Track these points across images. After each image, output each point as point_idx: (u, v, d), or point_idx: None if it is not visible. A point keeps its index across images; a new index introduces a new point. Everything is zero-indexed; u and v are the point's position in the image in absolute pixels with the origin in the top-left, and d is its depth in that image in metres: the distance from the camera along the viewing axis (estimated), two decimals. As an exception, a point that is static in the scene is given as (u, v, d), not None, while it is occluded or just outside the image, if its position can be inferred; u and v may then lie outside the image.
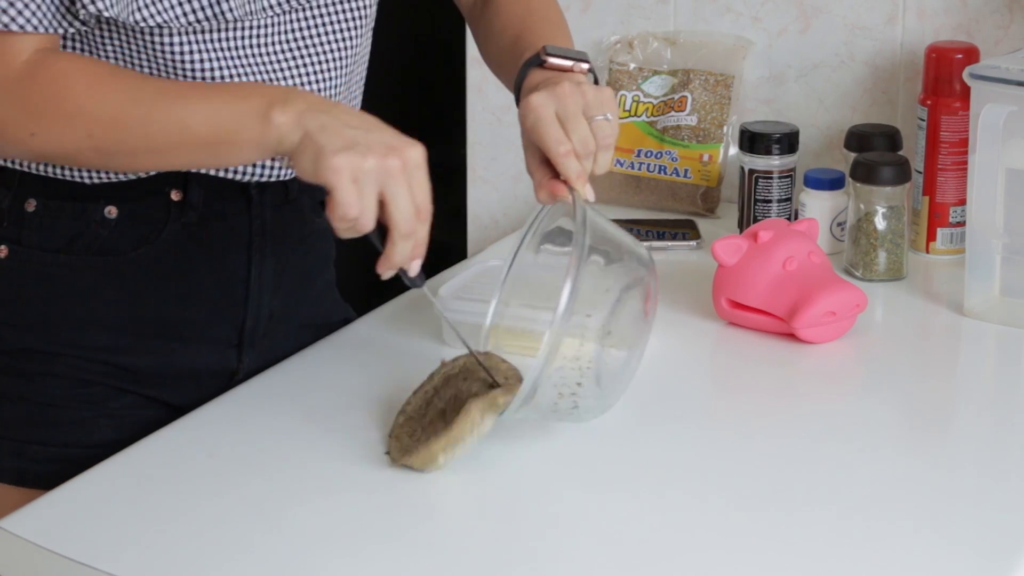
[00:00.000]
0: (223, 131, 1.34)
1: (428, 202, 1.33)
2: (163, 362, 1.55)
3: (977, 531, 1.33)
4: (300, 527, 1.33)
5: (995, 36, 2.00)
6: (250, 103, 1.33)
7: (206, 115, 1.34)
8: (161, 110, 1.35)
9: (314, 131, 1.30)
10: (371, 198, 1.30)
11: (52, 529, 1.33)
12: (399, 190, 1.31)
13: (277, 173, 1.53)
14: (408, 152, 1.31)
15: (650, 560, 1.29)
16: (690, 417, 1.53)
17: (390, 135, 1.32)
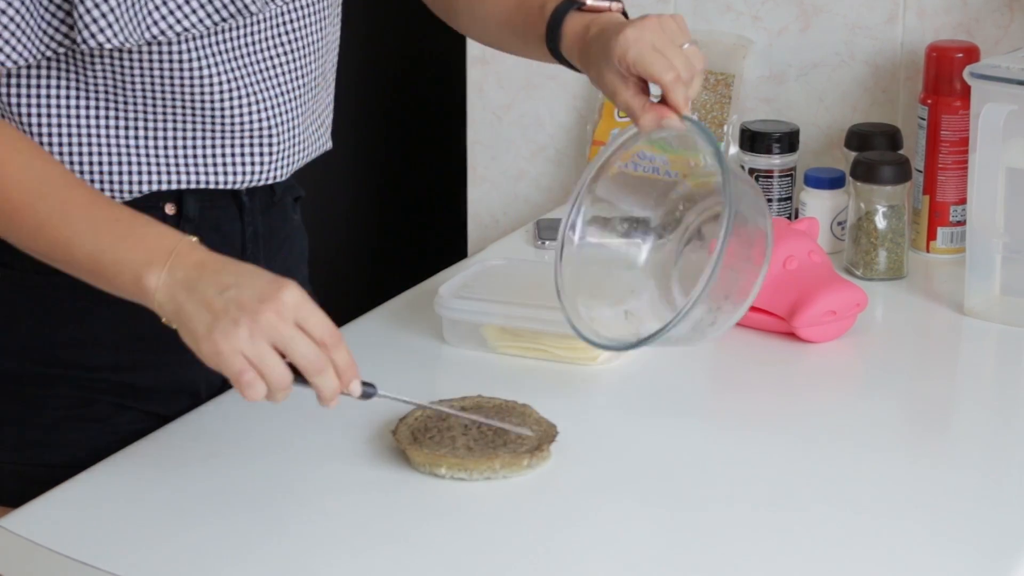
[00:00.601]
0: (101, 273, 1.34)
1: (328, 329, 1.30)
2: (161, 377, 1.53)
3: (978, 530, 1.33)
4: (300, 526, 1.33)
5: (995, 35, 2.00)
6: (132, 255, 1.32)
7: (90, 251, 1.34)
8: (52, 230, 1.34)
9: (186, 312, 1.30)
10: (268, 362, 1.28)
11: (52, 528, 1.33)
12: (288, 340, 1.28)
13: (265, 176, 1.52)
14: (282, 296, 1.29)
15: (651, 559, 1.29)
16: (690, 416, 1.53)
17: (261, 285, 1.29)
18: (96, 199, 1.37)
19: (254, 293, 1.28)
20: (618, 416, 1.58)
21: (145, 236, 1.34)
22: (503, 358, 1.64)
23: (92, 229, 1.34)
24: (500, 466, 1.39)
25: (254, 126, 1.48)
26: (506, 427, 1.43)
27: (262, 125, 1.48)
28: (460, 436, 1.43)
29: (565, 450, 1.44)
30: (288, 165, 1.52)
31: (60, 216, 1.34)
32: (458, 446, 1.41)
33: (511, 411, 1.47)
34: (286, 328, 1.28)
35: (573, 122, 2.25)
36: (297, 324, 1.29)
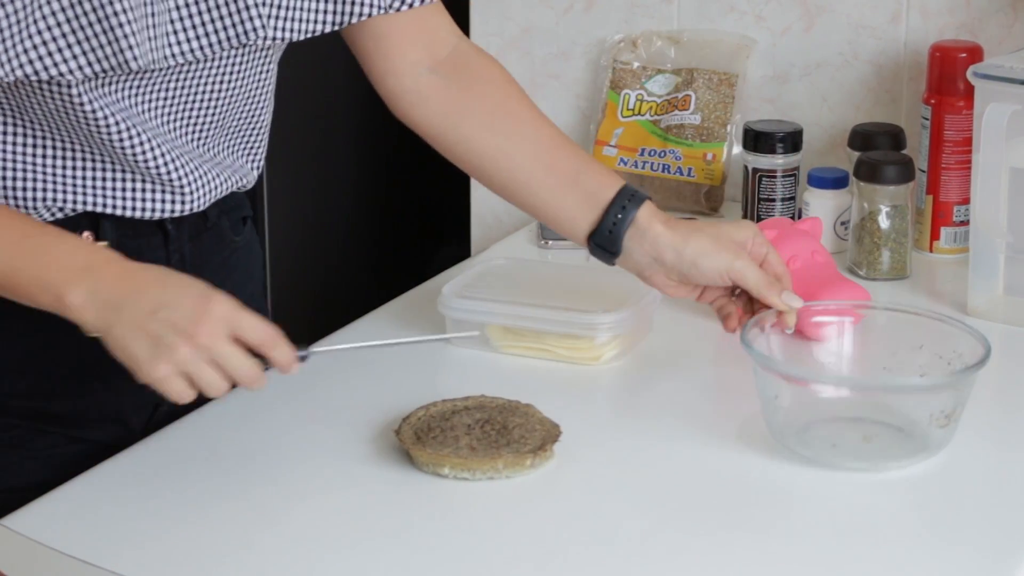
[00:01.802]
0: (20, 292, 1.35)
1: (263, 332, 1.34)
2: (84, 404, 1.51)
3: (979, 530, 1.33)
4: (301, 526, 1.33)
5: (999, 35, 2.00)
6: (48, 275, 1.33)
7: (4, 270, 1.34)
8: None
9: (117, 333, 1.31)
10: (206, 379, 1.32)
11: (53, 527, 1.33)
12: (224, 358, 1.32)
13: (177, 211, 1.49)
14: (213, 311, 1.31)
15: (651, 562, 1.29)
16: (692, 416, 1.53)
17: (189, 303, 1.32)
18: (4, 215, 1.36)
19: (185, 313, 1.31)
20: (620, 416, 1.58)
21: (58, 252, 1.34)
22: (506, 358, 1.64)
23: (5, 248, 1.34)
24: (503, 466, 1.39)
25: (151, 166, 1.46)
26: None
27: (161, 167, 1.46)
28: (463, 436, 1.43)
29: (567, 450, 1.44)
30: (199, 201, 1.50)
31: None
32: (461, 446, 1.41)
33: (514, 411, 1.47)
34: (221, 346, 1.32)
35: (576, 122, 2.25)
36: (232, 334, 1.32)
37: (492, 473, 1.39)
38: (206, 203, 1.52)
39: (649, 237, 1.56)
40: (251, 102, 1.55)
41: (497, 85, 1.63)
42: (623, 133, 2.16)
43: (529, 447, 1.41)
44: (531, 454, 1.40)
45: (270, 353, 1.35)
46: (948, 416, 1.42)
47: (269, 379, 1.47)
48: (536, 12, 2.23)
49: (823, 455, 1.42)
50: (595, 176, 1.58)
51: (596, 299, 1.64)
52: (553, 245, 1.98)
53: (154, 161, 1.46)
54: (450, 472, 1.39)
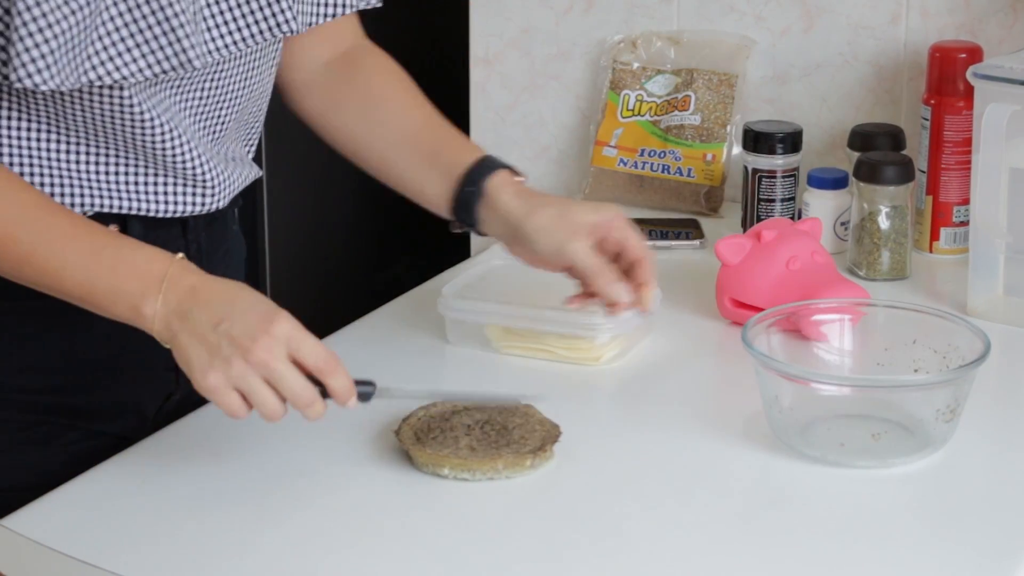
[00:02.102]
0: (95, 303, 1.36)
1: (322, 357, 1.32)
2: (106, 397, 1.53)
3: (980, 530, 1.33)
4: (301, 526, 1.33)
5: (999, 36, 2.00)
6: (125, 286, 1.34)
7: (81, 282, 1.35)
8: (39, 261, 1.35)
9: (181, 341, 1.32)
10: (260, 396, 1.31)
11: (54, 527, 1.33)
12: (278, 377, 1.31)
13: (204, 208, 1.52)
14: (274, 330, 1.31)
15: (651, 561, 1.29)
16: (693, 416, 1.53)
17: (252, 320, 1.31)
18: (75, 225, 1.37)
19: (246, 329, 1.30)
20: (621, 416, 1.58)
21: (134, 263, 1.35)
22: (506, 358, 1.64)
23: (80, 259, 1.35)
24: (503, 466, 1.39)
25: (188, 165, 1.48)
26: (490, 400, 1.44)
27: (195, 164, 1.48)
28: (463, 436, 1.43)
29: (568, 450, 1.44)
30: (224, 198, 1.53)
31: (46, 246, 1.35)
32: (461, 446, 1.41)
33: (514, 411, 1.47)
34: (277, 364, 1.30)
35: (576, 122, 2.25)
36: (291, 356, 1.31)
37: (492, 474, 1.39)
38: (228, 199, 1.53)
39: (499, 207, 1.56)
40: (261, 97, 1.58)
41: (376, 76, 1.66)
42: (623, 133, 2.16)
43: (529, 448, 1.41)
44: (531, 454, 1.40)
45: (328, 380, 1.33)
46: (952, 411, 1.42)
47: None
48: (536, 13, 2.23)
49: (830, 454, 1.42)
50: (455, 151, 1.60)
51: (596, 299, 1.64)
52: (553, 245, 1.97)
53: (191, 161, 1.48)
54: (450, 473, 1.39)
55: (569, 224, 1.53)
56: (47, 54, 1.34)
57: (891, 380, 1.49)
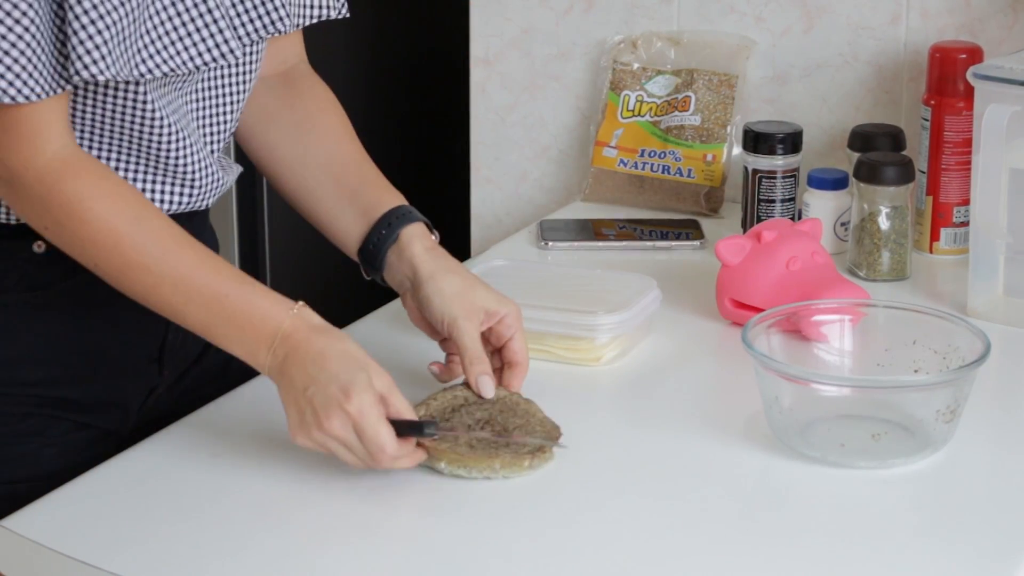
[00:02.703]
0: (215, 342, 1.43)
1: (374, 448, 1.37)
2: (92, 390, 1.54)
3: (980, 530, 1.33)
4: (301, 526, 1.33)
5: (999, 36, 2.00)
6: (242, 337, 1.41)
7: (203, 322, 1.42)
8: (165, 293, 1.41)
9: (281, 398, 1.40)
10: (348, 457, 1.39)
11: (53, 527, 1.33)
12: (339, 450, 1.38)
13: (188, 208, 1.53)
14: (348, 407, 1.37)
15: (651, 561, 1.29)
16: (693, 416, 1.53)
17: (333, 391, 1.37)
18: (203, 262, 1.42)
19: (325, 400, 1.37)
20: (621, 416, 1.58)
21: (252, 316, 1.41)
22: (506, 358, 1.64)
23: (203, 303, 1.41)
24: (500, 466, 1.39)
25: (186, 166, 1.50)
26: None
27: (193, 166, 1.50)
28: (464, 433, 1.42)
29: (568, 450, 1.44)
30: (210, 199, 1.55)
31: (172, 282, 1.41)
32: (461, 443, 1.41)
33: (516, 407, 1.47)
34: (348, 437, 1.37)
35: (576, 123, 2.25)
36: (356, 426, 1.37)
37: (489, 472, 1.39)
38: (213, 199, 1.55)
39: (406, 256, 1.56)
40: (246, 98, 1.58)
41: (314, 103, 1.65)
42: (623, 134, 2.16)
43: (528, 449, 1.41)
44: (529, 456, 1.40)
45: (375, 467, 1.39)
46: (952, 411, 1.42)
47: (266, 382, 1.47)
48: (536, 13, 2.23)
49: (830, 454, 1.42)
50: (374, 193, 1.59)
51: (596, 300, 1.64)
52: (553, 246, 1.98)
53: (190, 163, 1.50)
54: (446, 468, 1.39)
55: (468, 302, 1.53)
56: (101, 45, 1.37)
57: (891, 380, 1.49)
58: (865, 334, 1.56)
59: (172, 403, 1.59)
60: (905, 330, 1.53)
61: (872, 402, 1.47)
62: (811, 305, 1.56)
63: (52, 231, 1.41)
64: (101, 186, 1.40)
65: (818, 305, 1.57)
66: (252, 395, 1.56)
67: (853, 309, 1.57)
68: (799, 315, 1.55)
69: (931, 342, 1.50)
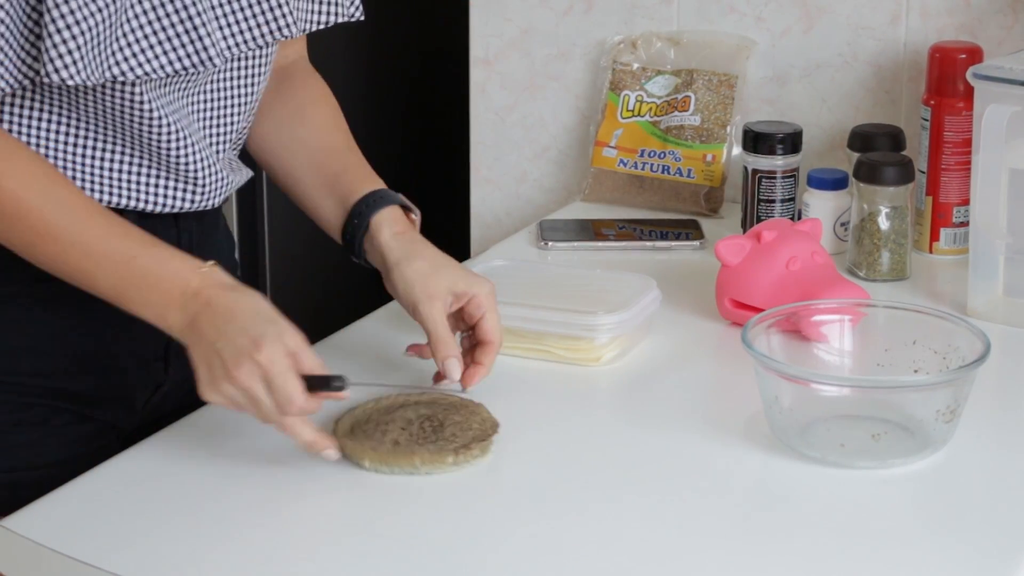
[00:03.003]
0: (125, 307, 1.43)
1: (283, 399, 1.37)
2: (95, 384, 1.55)
3: (980, 531, 1.33)
4: (301, 527, 1.33)
5: (999, 36, 2.00)
6: (152, 297, 1.41)
7: (113, 285, 1.42)
8: (74, 259, 1.42)
9: (192, 354, 1.40)
10: (248, 410, 1.39)
11: (53, 528, 1.33)
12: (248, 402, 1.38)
13: (196, 207, 1.54)
14: (257, 357, 1.36)
15: (651, 561, 1.29)
16: (692, 416, 1.53)
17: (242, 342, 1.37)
18: (111, 229, 1.43)
19: (234, 352, 1.37)
20: (620, 416, 1.58)
21: (161, 277, 1.41)
22: (505, 358, 1.64)
23: (112, 265, 1.41)
24: (421, 463, 1.39)
25: (190, 167, 1.51)
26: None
27: (197, 167, 1.51)
28: (397, 430, 1.43)
29: (567, 449, 1.44)
30: (217, 199, 1.56)
31: (81, 248, 1.41)
32: (385, 440, 1.41)
33: (459, 409, 1.47)
34: (256, 390, 1.37)
35: (576, 123, 2.25)
36: (264, 377, 1.37)
37: (410, 469, 1.40)
38: (220, 199, 1.56)
39: (376, 244, 1.57)
40: (257, 102, 1.59)
41: (306, 95, 1.67)
42: (623, 134, 2.16)
43: (453, 445, 1.41)
44: (453, 452, 1.40)
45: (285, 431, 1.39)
46: (952, 411, 1.42)
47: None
48: (536, 13, 2.23)
49: (830, 454, 1.42)
50: (355, 180, 1.60)
51: (596, 300, 1.64)
52: (553, 246, 1.98)
53: (192, 163, 1.51)
54: (370, 466, 1.40)
55: (431, 285, 1.53)
56: (74, 50, 1.37)
57: (891, 380, 1.49)
58: (865, 334, 1.56)
59: (179, 400, 1.60)
60: (905, 330, 1.53)
61: (872, 402, 1.47)
62: (811, 305, 1.56)
63: None
64: (12, 162, 1.41)
65: (818, 305, 1.57)
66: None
67: (853, 309, 1.57)
68: (799, 315, 1.55)
69: (931, 342, 1.50)
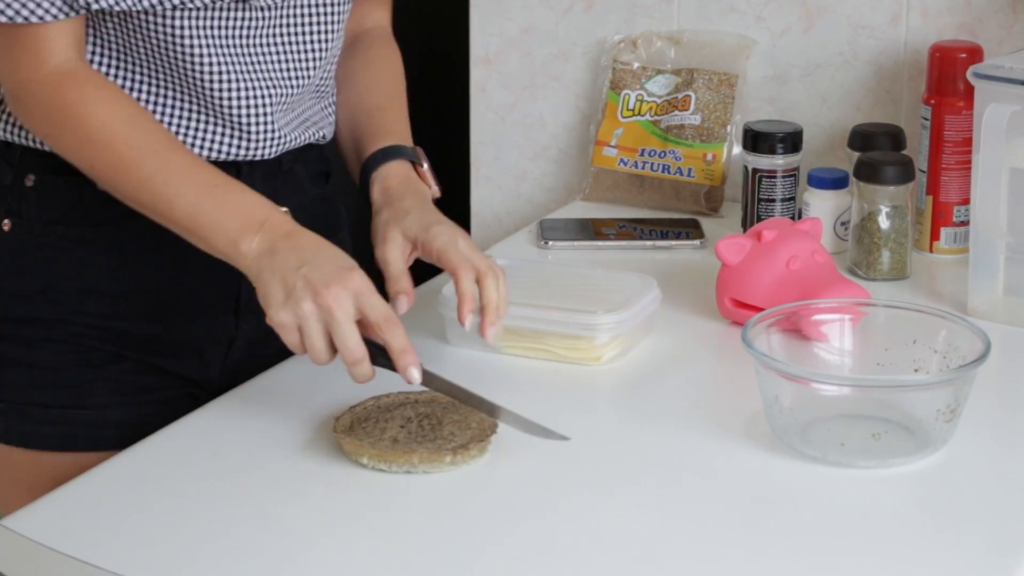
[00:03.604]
0: (199, 233, 1.47)
1: (384, 314, 1.42)
2: (161, 330, 1.60)
3: (980, 530, 1.33)
4: (300, 524, 1.33)
5: (999, 35, 2.00)
6: (229, 222, 1.46)
7: (190, 212, 1.47)
8: (155, 186, 1.48)
9: (264, 278, 1.43)
10: (316, 339, 1.42)
11: (54, 527, 1.33)
12: (335, 327, 1.41)
13: (264, 153, 1.58)
14: (346, 283, 1.41)
15: (651, 561, 1.29)
16: (693, 416, 1.53)
17: (330, 269, 1.42)
18: (195, 162, 1.49)
19: (322, 276, 1.41)
20: (620, 415, 1.58)
21: (241, 203, 1.47)
22: (506, 358, 1.64)
23: (193, 191, 1.47)
24: (419, 461, 1.39)
25: (236, 111, 1.55)
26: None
27: (243, 112, 1.56)
28: (395, 428, 1.43)
29: (566, 449, 1.44)
30: (269, 149, 1.59)
31: (164, 175, 1.47)
32: (384, 438, 1.41)
33: (460, 407, 1.47)
34: (338, 314, 1.40)
35: (576, 122, 2.25)
36: (357, 311, 1.41)
37: (408, 467, 1.40)
38: (275, 151, 1.60)
39: (370, 199, 1.62)
40: (327, 61, 1.63)
41: (364, 57, 1.73)
42: (623, 133, 2.16)
43: (452, 445, 1.41)
44: (451, 452, 1.40)
45: (387, 336, 1.42)
46: (953, 411, 1.42)
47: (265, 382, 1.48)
48: (536, 13, 2.23)
49: (830, 454, 1.42)
50: (375, 136, 1.66)
51: (596, 299, 1.64)
52: (553, 245, 1.98)
53: (237, 104, 1.55)
54: (368, 463, 1.40)
55: (388, 231, 1.57)
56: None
57: (891, 380, 1.49)
58: (865, 333, 1.56)
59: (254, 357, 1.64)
60: (905, 330, 1.53)
61: (872, 401, 1.47)
62: (811, 304, 1.56)
63: (53, 136, 1.49)
64: (99, 93, 1.48)
65: (818, 304, 1.57)
66: (252, 395, 1.56)
67: (853, 308, 1.57)
68: (799, 314, 1.55)
69: (931, 341, 1.50)
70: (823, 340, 1.56)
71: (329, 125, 1.69)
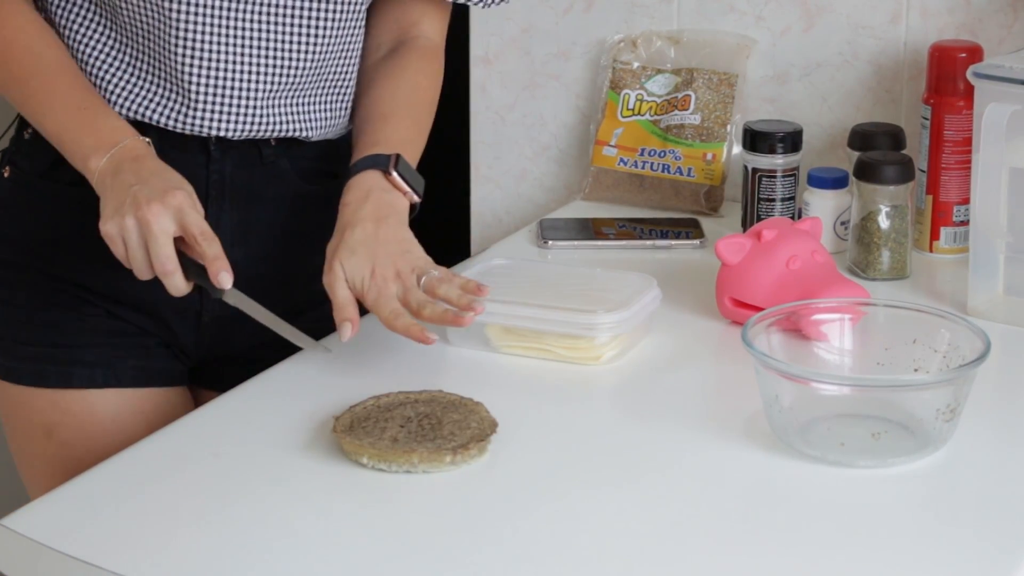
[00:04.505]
0: (63, 149, 1.59)
1: (201, 227, 1.51)
2: (119, 288, 1.65)
3: (980, 530, 1.33)
4: (301, 526, 1.33)
5: (999, 35, 2.00)
6: (86, 139, 1.57)
7: (57, 129, 1.58)
8: (35, 103, 1.60)
9: (104, 194, 1.54)
10: (136, 250, 1.51)
11: (53, 527, 1.33)
12: (151, 239, 1.50)
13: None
14: (167, 199, 1.50)
15: (651, 560, 1.29)
16: (693, 415, 1.53)
17: (157, 186, 1.51)
18: (76, 86, 1.60)
19: (148, 193, 1.50)
20: (620, 415, 1.58)
21: (102, 126, 1.57)
22: (506, 358, 1.64)
23: (63, 110, 1.58)
24: (418, 460, 1.39)
25: (209, 86, 1.62)
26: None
27: (193, 78, 1.62)
28: (395, 427, 1.43)
29: (566, 448, 1.44)
30: (207, 125, 1.64)
31: (44, 94, 1.59)
32: (384, 437, 1.41)
33: (459, 407, 1.47)
34: (154, 228, 1.49)
35: (576, 122, 2.25)
36: (179, 224, 1.50)
37: (408, 467, 1.40)
38: (214, 129, 1.64)
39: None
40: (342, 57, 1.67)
41: (392, 65, 1.75)
42: (623, 133, 2.16)
43: (452, 444, 1.41)
44: (451, 451, 1.40)
45: (201, 246, 1.50)
46: (953, 410, 1.42)
47: (264, 381, 1.47)
48: (536, 12, 2.23)
49: (830, 454, 1.42)
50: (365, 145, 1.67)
51: (596, 299, 1.64)
52: (553, 245, 1.98)
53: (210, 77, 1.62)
54: (368, 462, 1.40)
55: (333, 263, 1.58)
56: None
57: (891, 380, 1.49)
58: (865, 333, 1.56)
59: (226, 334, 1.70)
60: (905, 329, 1.53)
61: (872, 401, 1.47)
62: (811, 304, 1.56)
63: None
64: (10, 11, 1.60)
65: (818, 304, 1.57)
66: (252, 395, 1.57)
67: (853, 308, 1.57)
68: (799, 314, 1.55)
69: (931, 341, 1.50)
70: (823, 340, 1.56)
71: (327, 124, 1.70)
